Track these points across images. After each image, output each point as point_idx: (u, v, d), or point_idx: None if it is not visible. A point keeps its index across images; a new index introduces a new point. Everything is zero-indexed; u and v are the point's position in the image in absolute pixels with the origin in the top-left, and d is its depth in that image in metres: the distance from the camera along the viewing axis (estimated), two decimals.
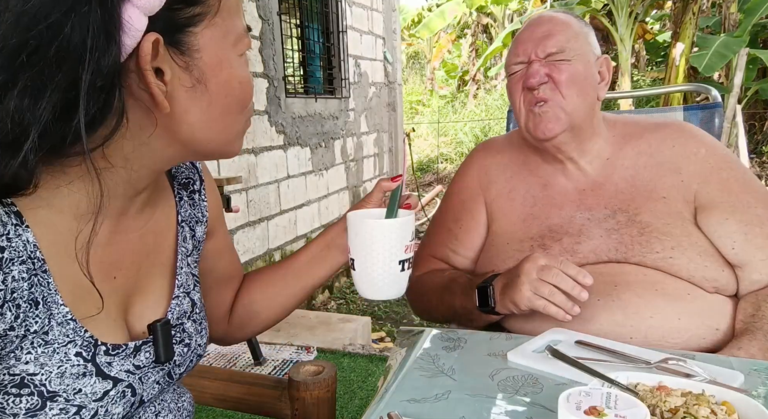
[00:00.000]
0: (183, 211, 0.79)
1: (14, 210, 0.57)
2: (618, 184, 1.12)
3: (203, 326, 0.79)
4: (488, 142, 1.34)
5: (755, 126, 7.71)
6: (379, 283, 0.79)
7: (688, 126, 1.16)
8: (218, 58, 0.60)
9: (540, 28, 1.11)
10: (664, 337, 0.98)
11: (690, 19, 5.97)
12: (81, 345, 0.61)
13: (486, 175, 1.25)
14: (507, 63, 1.16)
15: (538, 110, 1.09)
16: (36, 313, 0.58)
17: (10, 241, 0.55)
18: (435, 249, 1.27)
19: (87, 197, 0.60)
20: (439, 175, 9.46)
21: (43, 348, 0.58)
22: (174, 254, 0.77)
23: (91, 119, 0.53)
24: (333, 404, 0.93)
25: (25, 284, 0.57)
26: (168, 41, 0.56)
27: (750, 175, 1.10)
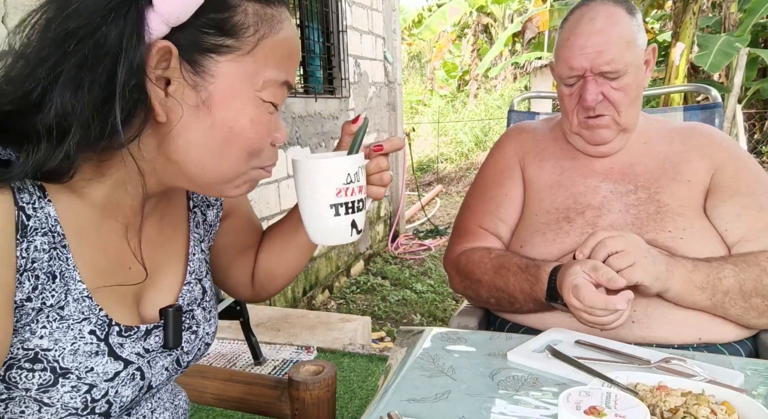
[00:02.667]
0: (195, 197, 0.80)
1: (38, 183, 0.58)
2: (648, 164, 1.18)
3: (212, 314, 0.80)
4: (521, 123, 1.40)
5: (755, 125, 7.71)
6: (313, 227, 0.74)
7: (713, 127, 1.26)
8: (233, 91, 0.60)
9: (593, 38, 1.09)
10: (664, 313, 1.01)
11: (690, 19, 5.97)
12: (95, 323, 0.62)
13: (521, 146, 1.30)
14: (560, 71, 1.15)
15: (593, 122, 1.14)
16: (53, 287, 0.59)
17: (36, 211, 0.57)
18: (481, 218, 1.26)
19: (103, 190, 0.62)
20: (439, 174, 9.46)
21: (58, 323, 0.59)
22: (186, 241, 0.78)
23: (126, 116, 0.56)
24: (333, 404, 0.93)
25: (45, 255, 0.57)
26: (185, 56, 0.58)
27: (764, 173, 1.16)
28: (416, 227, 6.29)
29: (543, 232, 1.15)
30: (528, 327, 1.12)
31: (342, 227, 0.73)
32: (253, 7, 0.60)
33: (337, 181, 0.71)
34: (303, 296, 3.93)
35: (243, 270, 0.91)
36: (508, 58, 10.76)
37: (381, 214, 5.46)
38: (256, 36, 0.60)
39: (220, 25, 0.58)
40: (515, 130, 1.35)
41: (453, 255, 1.25)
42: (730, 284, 0.98)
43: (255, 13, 0.60)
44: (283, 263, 0.90)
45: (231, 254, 0.90)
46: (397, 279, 4.53)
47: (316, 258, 4.16)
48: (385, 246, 5.44)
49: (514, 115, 1.67)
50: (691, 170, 1.14)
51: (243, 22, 0.59)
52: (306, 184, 0.72)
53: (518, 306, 1.11)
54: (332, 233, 0.73)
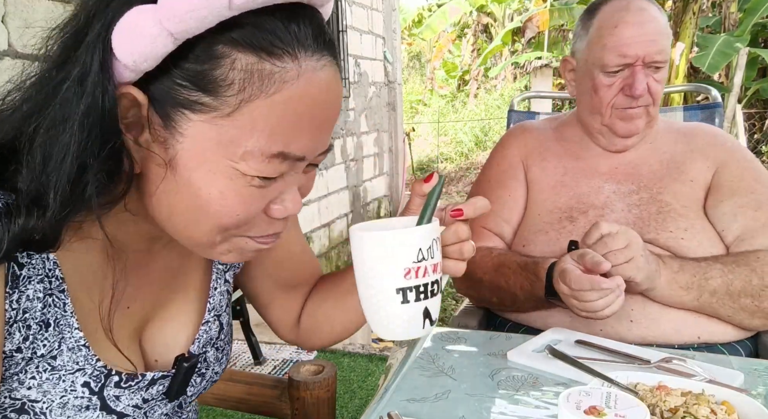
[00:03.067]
0: None
1: None
2: (652, 165, 1.18)
3: (224, 352, 0.74)
4: (524, 122, 1.39)
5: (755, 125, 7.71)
6: (375, 317, 0.61)
7: (717, 128, 1.27)
8: (202, 156, 0.51)
9: (645, 27, 1.09)
10: (662, 312, 1.01)
11: (690, 18, 5.96)
12: (90, 374, 0.58)
13: (524, 146, 1.29)
14: (604, 58, 1.11)
15: (631, 112, 1.13)
16: (45, 335, 0.55)
17: (31, 258, 0.53)
18: (485, 219, 1.25)
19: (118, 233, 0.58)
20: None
21: (49, 374, 0.56)
22: (206, 274, 0.72)
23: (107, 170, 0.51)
24: (333, 403, 0.93)
25: (39, 304, 0.54)
26: (157, 108, 0.51)
27: (767, 173, 1.16)
28: None
29: (546, 232, 1.15)
30: (528, 327, 1.12)
31: (411, 317, 0.59)
32: (246, 61, 0.48)
33: (406, 259, 0.57)
34: None
35: (287, 310, 0.84)
36: (508, 58, 10.76)
37: (381, 214, 5.46)
38: (239, 96, 0.49)
39: (196, 78, 0.49)
40: (518, 129, 1.35)
41: None
42: (717, 284, 0.98)
43: (245, 69, 0.48)
44: (332, 319, 0.81)
45: (270, 288, 0.82)
46: None
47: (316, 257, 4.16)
48: None
49: (514, 115, 1.67)
50: (694, 170, 1.14)
51: (224, 78, 0.48)
52: (365, 263, 0.59)
53: (519, 304, 1.11)
54: (399, 325, 0.59)
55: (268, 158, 0.51)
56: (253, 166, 0.51)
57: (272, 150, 0.51)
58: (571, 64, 1.23)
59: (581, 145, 1.24)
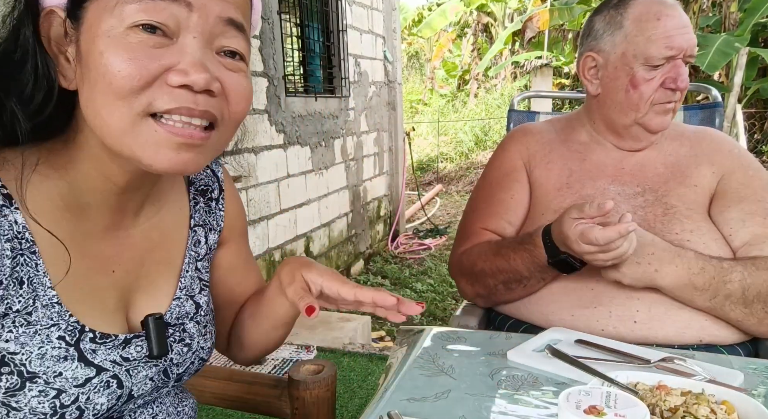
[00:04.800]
0: (197, 216, 0.78)
1: (4, 192, 0.57)
2: (658, 168, 1.18)
3: (208, 329, 0.77)
4: (526, 125, 1.38)
5: (755, 125, 7.71)
6: None
7: (723, 133, 1.27)
8: (92, 32, 0.54)
9: (683, 19, 1.09)
10: (667, 313, 1.01)
11: (690, 18, 5.95)
12: (65, 329, 0.60)
13: (527, 149, 1.28)
14: (649, 50, 1.09)
15: (669, 106, 1.12)
16: (20, 292, 0.58)
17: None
18: (488, 221, 1.25)
19: (68, 186, 0.61)
20: (439, 174, 9.45)
21: (25, 328, 0.58)
22: (182, 256, 0.75)
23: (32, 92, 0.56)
24: (333, 403, 0.93)
25: (8, 261, 0.57)
26: (72, 17, 0.56)
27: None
28: (416, 226, 6.29)
29: None
30: (528, 326, 1.12)
31: None
32: None
33: None
34: None
35: (220, 322, 0.86)
36: (508, 58, 10.76)
37: (381, 214, 5.46)
38: None
39: None
40: (520, 132, 1.34)
41: (457, 256, 1.25)
42: (734, 288, 0.98)
43: None
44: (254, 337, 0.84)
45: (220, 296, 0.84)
46: (397, 278, 4.53)
47: (316, 257, 4.15)
48: (385, 246, 5.44)
49: (515, 115, 1.67)
50: (699, 176, 1.14)
51: None
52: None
53: (525, 282, 1.11)
54: None
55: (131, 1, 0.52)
56: (129, 14, 0.52)
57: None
58: (596, 61, 1.18)
59: (588, 147, 1.23)
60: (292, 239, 3.82)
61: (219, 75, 0.57)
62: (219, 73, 0.57)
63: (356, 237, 4.81)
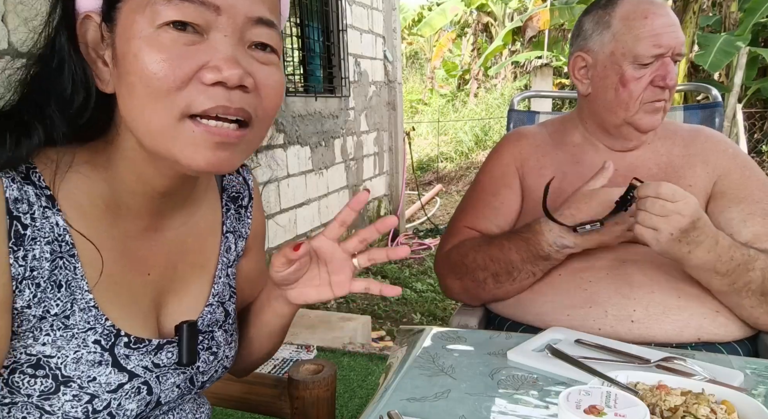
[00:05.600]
0: (228, 222, 0.77)
1: (47, 194, 0.57)
2: (651, 168, 1.17)
3: (234, 338, 0.77)
4: (520, 129, 1.38)
5: (755, 125, 7.70)
6: None
7: (716, 131, 1.26)
8: (125, 34, 0.54)
9: (671, 18, 1.10)
10: (665, 313, 1.01)
11: (690, 18, 5.96)
12: (101, 333, 0.61)
13: (520, 154, 1.28)
14: (637, 49, 1.09)
15: (658, 105, 1.12)
16: (58, 296, 0.58)
17: (34, 221, 0.56)
18: (475, 221, 1.26)
19: (108, 187, 0.61)
20: (439, 174, 9.45)
21: (63, 331, 0.59)
22: (215, 261, 0.75)
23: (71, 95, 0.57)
24: (333, 403, 0.93)
25: (47, 264, 0.57)
26: (107, 19, 0.56)
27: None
28: (416, 226, 6.28)
29: None
30: (527, 326, 1.12)
31: None
32: None
33: None
34: None
35: None
36: (508, 57, 10.76)
37: (381, 214, 5.46)
38: None
39: None
40: (513, 136, 1.33)
41: (444, 252, 1.25)
42: (755, 276, 0.98)
43: None
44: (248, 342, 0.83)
45: None
46: (396, 278, 4.52)
47: None
48: (384, 245, 5.43)
49: (515, 115, 1.67)
50: (693, 175, 1.14)
51: None
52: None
53: (516, 275, 1.11)
54: None
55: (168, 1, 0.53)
56: (160, 13, 0.53)
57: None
58: (586, 61, 1.19)
59: (581, 148, 1.23)
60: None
61: (251, 69, 0.56)
62: (251, 68, 0.56)
63: None
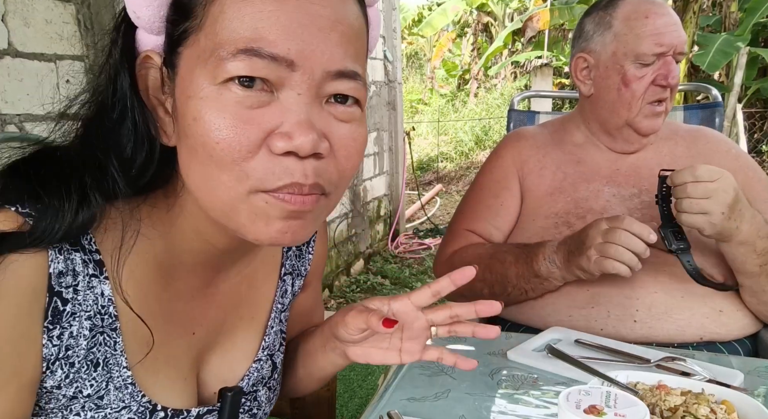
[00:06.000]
0: (288, 263, 0.71)
1: (96, 258, 0.52)
2: (653, 168, 1.16)
3: (275, 393, 0.72)
4: (520, 129, 1.38)
5: (755, 125, 7.70)
6: None
7: (717, 131, 1.26)
8: (184, 84, 0.48)
9: (672, 17, 1.10)
10: (668, 312, 1.01)
11: (690, 18, 5.95)
12: (136, 411, 0.56)
13: (519, 155, 1.28)
14: (639, 48, 1.09)
15: (659, 109, 1.12)
16: (93, 375, 0.53)
17: (77, 293, 0.51)
18: (474, 224, 1.26)
19: (164, 245, 0.56)
20: (439, 173, 9.45)
21: (95, 412, 0.54)
22: (268, 310, 0.69)
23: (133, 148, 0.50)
24: (333, 403, 0.93)
25: (84, 342, 0.52)
26: (167, 64, 0.49)
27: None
28: (416, 226, 6.28)
29: (541, 236, 1.15)
30: (527, 326, 1.12)
31: None
32: None
33: None
34: None
35: None
36: (508, 57, 10.76)
37: (381, 213, 5.46)
38: (202, 4, 0.46)
39: (177, 9, 0.48)
40: (514, 137, 1.33)
41: (445, 256, 1.26)
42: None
43: None
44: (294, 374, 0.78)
45: None
46: (397, 278, 4.52)
47: None
48: (385, 246, 5.44)
49: (515, 115, 1.67)
50: None
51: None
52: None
53: (510, 288, 1.11)
54: None
55: (234, 54, 0.45)
56: (224, 67, 0.45)
57: (238, 44, 0.45)
58: (588, 62, 1.19)
59: (584, 148, 1.23)
60: None
61: (328, 131, 0.49)
62: (328, 129, 0.49)
63: (356, 237, 4.81)
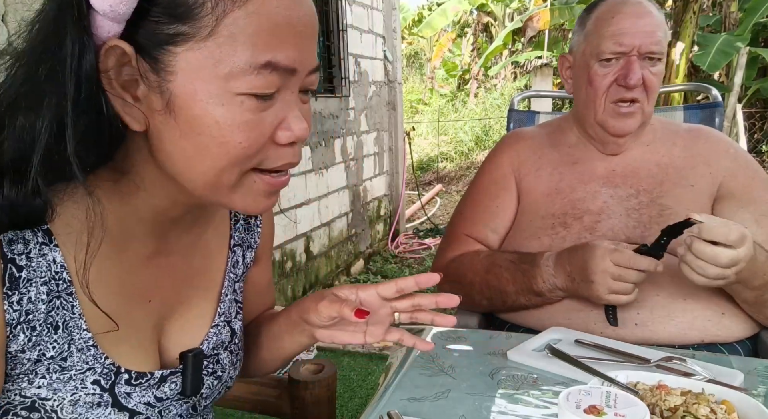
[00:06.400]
0: (237, 235, 0.75)
1: (44, 228, 0.54)
2: (651, 169, 1.17)
3: (238, 358, 0.75)
4: (517, 130, 1.38)
5: (755, 125, 7.71)
6: None
7: (716, 131, 1.25)
8: (193, 87, 0.50)
9: (642, 19, 1.10)
10: (670, 315, 1.01)
11: (690, 18, 5.96)
12: (100, 372, 0.58)
13: (517, 156, 1.28)
14: (600, 46, 1.11)
15: (625, 110, 1.11)
16: (54, 338, 0.55)
17: (31, 261, 0.53)
18: (472, 228, 1.26)
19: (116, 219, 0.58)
20: (439, 173, 9.45)
21: (59, 374, 0.56)
22: (221, 279, 0.73)
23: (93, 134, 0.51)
24: (333, 403, 0.93)
25: (43, 306, 0.54)
26: (144, 54, 0.51)
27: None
28: (416, 226, 6.29)
29: (539, 237, 1.15)
30: (527, 328, 1.12)
31: None
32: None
33: None
34: (302, 295, 3.93)
35: None
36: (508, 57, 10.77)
37: (381, 213, 5.46)
38: (214, 14, 0.49)
39: (170, 10, 0.49)
40: (511, 138, 1.33)
41: (442, 263, 1.26)
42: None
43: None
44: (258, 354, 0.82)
45: None
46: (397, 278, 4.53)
47: (316, 257, 4.15)
48: (384, 246, 5.44)
49: (515, 114, 1.67)
50: (695, 175, 1.13)
51: (195, 1, 0.49)
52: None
53: (510, 302, 1.11)
54: None
55: (257, 70, 0.50)
56: (243, 83, 0.50)
57: (259, 60, 0.50)
58: (569, 61, 1.22)
59: (578, 148, 1.23)
60: (292, 239, 3.82)
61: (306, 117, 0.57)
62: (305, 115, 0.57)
63: (356, 237, 4.81)
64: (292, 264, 3.81)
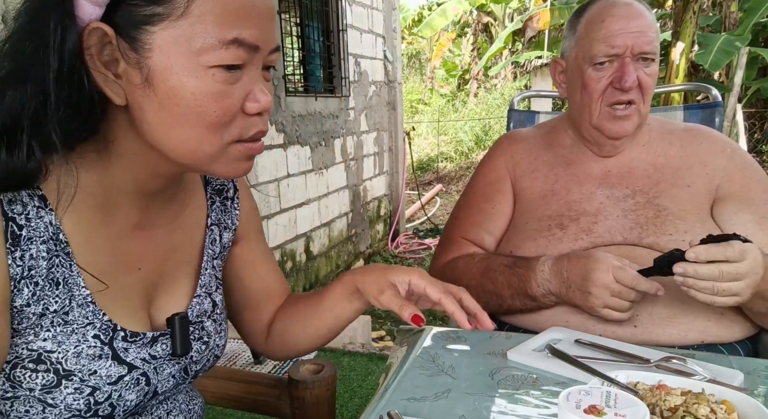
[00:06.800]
0: (213, 215, 0.80)
1: (39, 193, 0.59)
2: (647, 169, 1.16)
3: (223, 327, 0.80)
4: (513, 132, 1.37)
5: (755, 125, 7.71)
6: None
7: (714, 130, 1.24)
8: (169, 62, 0.56)
9: (633, 20, 1.09)
10: (670, 317, 1.00)
11: (690, 17, 5.96)
12: (99, 328, 0.63)
13: (512, 158, 1.28)
14: (592, 50, 1.10)
15: (621, 113, 1.11)
16: (56, 293, 0.60)
17: (30, 221, 0.58)
18: (467, 230, 1.26)
19: (100, 187, 0.63)
20: (439, 173, 9.45)
21: (62, 327, 0.61)
22: (200, 255, 0.78)
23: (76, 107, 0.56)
24: (333, 403, 0.93)
25: (44, 263, 0.59)
26: (123, 35, 0.56)
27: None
28: (416, 226, 6.29)
29: (534, 238, 1.14)
30: (526, 329, 1.12)
31: None
32: None
33: None
34: None
35: (255, 322, 0.90)
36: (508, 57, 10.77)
37: (381, 213, 5.46)
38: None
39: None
40: (507, 140, 1.33)
41: (438, 265, 1.26)
42: None
43: None
44: (297, 335, 0.87)
45: (238, 301, 0.89)
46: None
47: (316, 257, 4.15)
48: (385, 246, 5.44)
49: (515, 114, 1.67)
50: (691, 175, 1.13)
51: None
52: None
53: (506, 306, 1.11)
54: None
55: (225, 45, 0.57)
56: (213, 57, 0.56)
57: (227, 37, 0.56)
58: (561, 66, 1.21)
59: (573, 150, 1.22)
60: (292, 239, 3.82)
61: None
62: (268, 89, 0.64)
63: (356, 237, 4.81)
64: (292, 264, 3.81)
